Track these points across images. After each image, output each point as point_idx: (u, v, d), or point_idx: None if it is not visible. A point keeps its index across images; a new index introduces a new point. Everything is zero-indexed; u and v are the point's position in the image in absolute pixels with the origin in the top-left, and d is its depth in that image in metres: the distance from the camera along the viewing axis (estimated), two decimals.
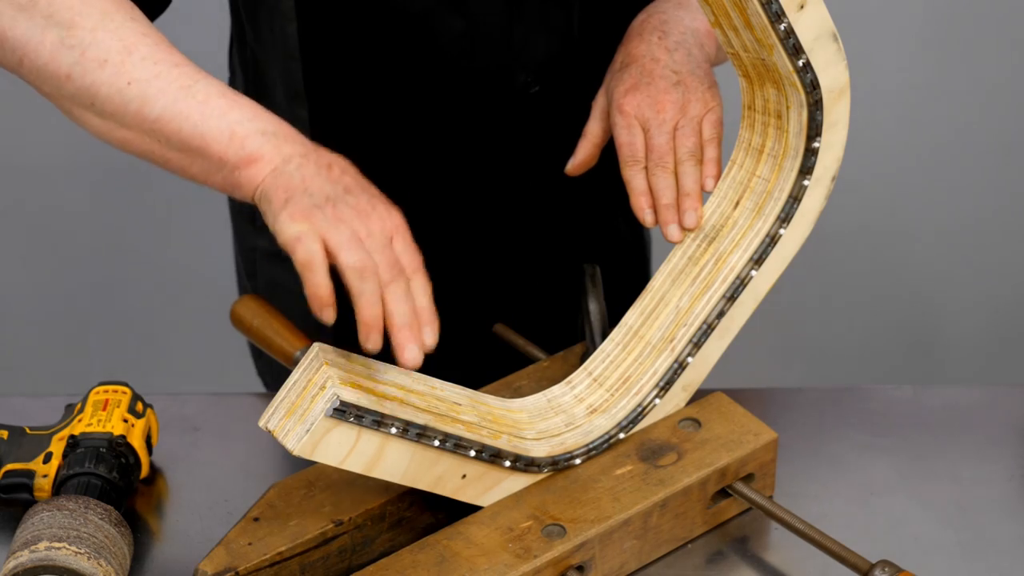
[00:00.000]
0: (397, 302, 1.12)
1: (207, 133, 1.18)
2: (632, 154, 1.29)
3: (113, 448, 1.30)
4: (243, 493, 1.33)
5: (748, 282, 1.27)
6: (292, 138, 1.18)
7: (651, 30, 1.35)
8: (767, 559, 1.27)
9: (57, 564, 1.17)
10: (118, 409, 1.33)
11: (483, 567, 1.16)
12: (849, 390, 1.47)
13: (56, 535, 1.19)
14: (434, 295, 1.43)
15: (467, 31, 1.39)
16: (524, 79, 1.42)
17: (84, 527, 1.20)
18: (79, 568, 1.17)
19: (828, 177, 1.24)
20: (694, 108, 1.30)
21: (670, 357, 1.28)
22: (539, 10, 1.39)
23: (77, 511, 1.21)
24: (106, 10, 1.23)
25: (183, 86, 1.19)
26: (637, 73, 1.32)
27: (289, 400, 1.13)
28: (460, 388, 1.23)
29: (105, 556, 1.19)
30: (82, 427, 1.32)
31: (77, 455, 1.29)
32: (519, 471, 1.23)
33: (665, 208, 1.28)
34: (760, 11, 1.10)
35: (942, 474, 1.35)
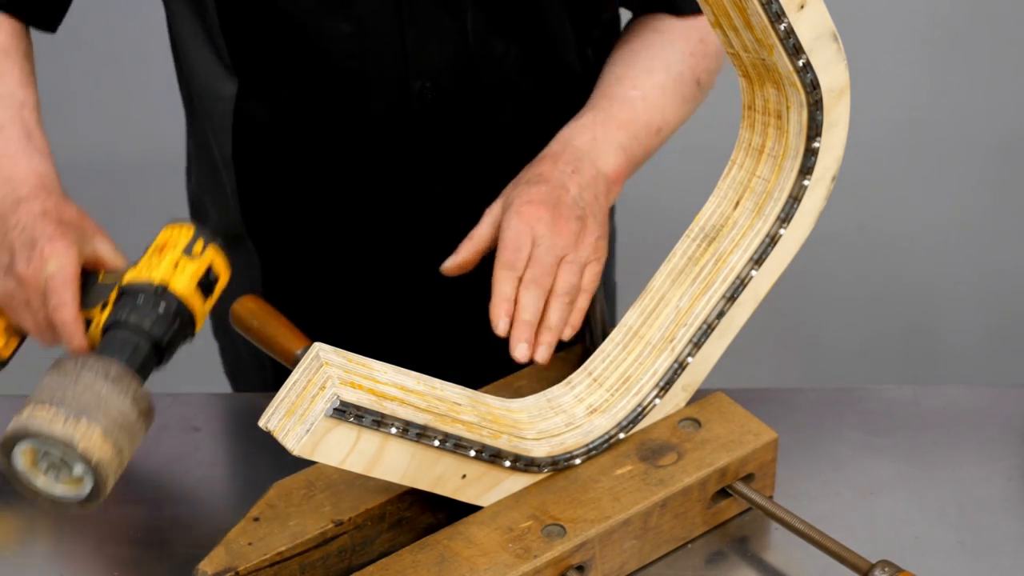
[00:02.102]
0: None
1: None
2: (512, 260, 1.27)
3: (152, 298, 1.25)
4: (243, 493, 1.33)
5: (748, 282, 1.27)
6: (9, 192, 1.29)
7: (566, 161, 1.35)
8: (767, 559, 1.27)
9: (30, 430, 1.14)
10: (171, 253, 1.27)
11: (483, 567, 1.16)
12: (849, 390, 1.47)
13: (41, 398, 1.16)
14: (433, 296, 1.43)
15: (356, 34, 1.39)
16: (421, 85, 1.42)
17: (73, 387, 1.16)
18: (51, 433, 1.13)
19: (828, 177, 1.24)
20: (585, 250, 1.30)
21: (670, 357, 1.28)
22: (431, 16, 1.39)
23: (71, 371, 1.18)
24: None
25: None
26: (546, 192, 1.31)
27: (289, 400, 1.13)
28: (460, 388, 1.23)
29: (88, 416, 1.15)
30: (132, 275, 1.27)
31: (118, 304, 1.26)
32: (519, 471, 1.23)
33: (525, 324, 1.26)
34: (760, 11, 1.10)
35: (942, 474, 1.35)
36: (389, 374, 1.18)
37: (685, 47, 1.44)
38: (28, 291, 1.27)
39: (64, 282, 1.25)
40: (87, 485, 1.16)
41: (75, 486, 1.17)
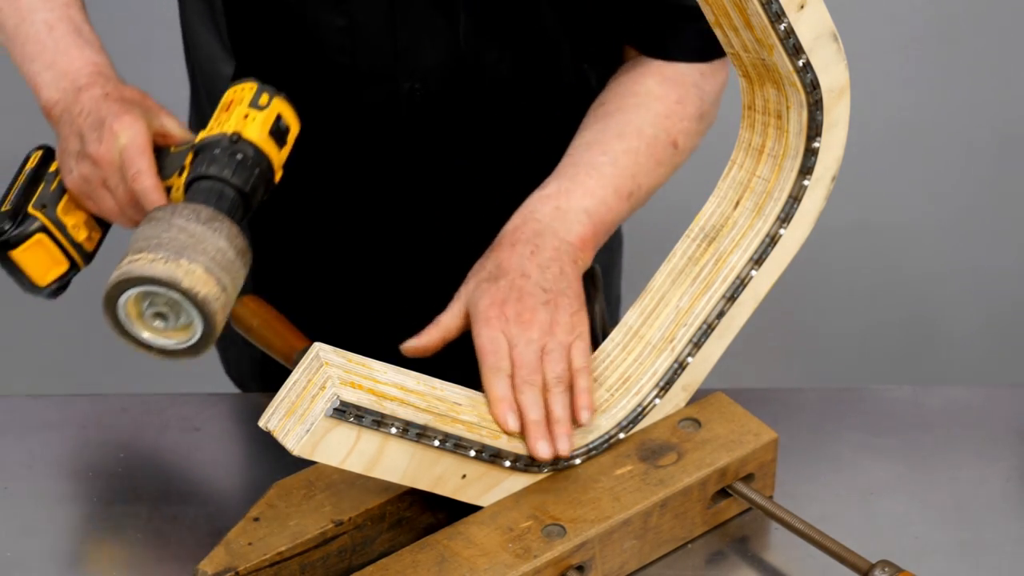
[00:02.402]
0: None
1: (25, 77, 1.36)
2: (496, 363, 1.24)
3: (228, 147, 1.25)
4: (243, 493, 1.33)
5: (748, 282, 1.27)
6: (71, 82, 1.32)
7: (524, 242, 1.31)
8: (767, 559, 1.27)
9: (132, 276, 1.14)
10: (239, 107, 1.28)
11: (483, 567, 1.16)
12: (849, 390, 1.47)
13: (138, 248, 1.16)
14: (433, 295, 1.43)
15: (347, 29, 1.39)
16: (410, 86, 1.41)
17: (166, 232, 1.17)
18: (153, 274, 1.14)
19: (828, 177, 1.24)
20: (562, 333, 1.26)
21: (670, 357, 1.28)
22: (423, 17, 1.38)
23: (162, 219, 1.18)
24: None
25: (14, 24, 1.36)
26: (506, 288, 1.28)
27: (289, 400, 1.13)
28: (460, 388, 1.23)
29: (188, 255, 1.16)
30: (204, 133, 1.28)
31: (196, 161, 1.26)
32: (519, 471, 1.23)
33: (535, 425, 1.23)
34: (760, 11, 1.10)
35: (942, 474, 1.35)
36: (389, 374, 1.18)
37: (660, 109, 1.40)
38: (105, 170, 1.28)
39: (138, 150, 1.27)
40: (197, 328, 1.16)
41: (184, 333, 1.17)
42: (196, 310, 1.16)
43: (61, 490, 1.34)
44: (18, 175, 1.33)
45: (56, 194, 1.32)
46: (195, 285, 1.15)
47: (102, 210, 1.32)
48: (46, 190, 1.32)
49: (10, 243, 1.30)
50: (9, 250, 1.30)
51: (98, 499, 1.33)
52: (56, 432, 1.40)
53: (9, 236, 1.30)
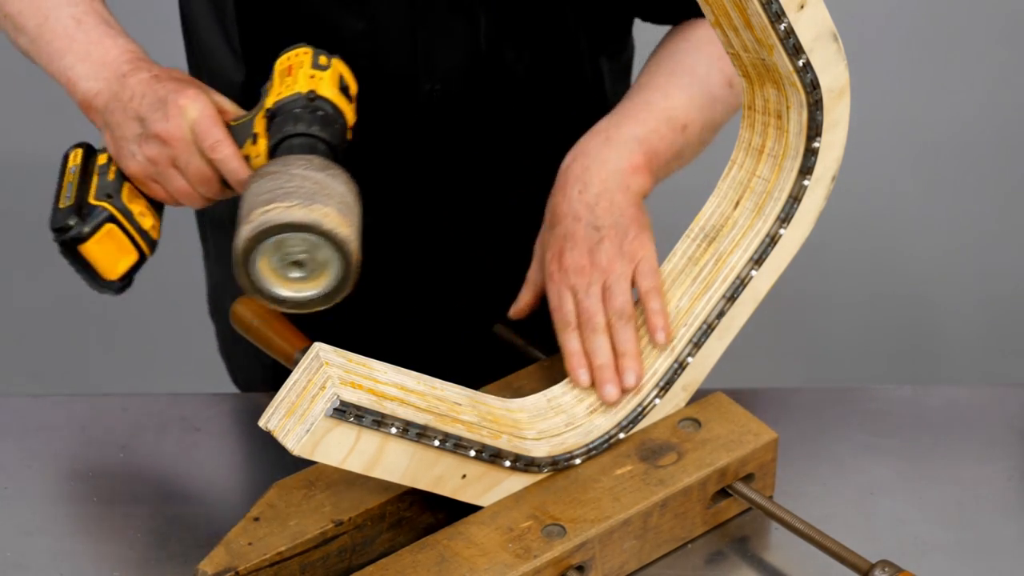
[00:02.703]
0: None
1: (54, 75, 1.34)
2: (563, 318, 1.28)
3: (307, 105, 1.26)
4: (243, 493, 1.33)
5: (748, 282, 1.27)
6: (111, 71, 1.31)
7: (573, 182, 1.32)
8: (767, 559, 1.27)
9: (274, 224, 1.14)
10: (302, 69, 1.29)
11: (483, 567, 1.16)
12: (849, 390, 1.47)
13: (265, 200, 1.16)
14: (433, 295, 1.43)
15: (368, 32, 1.39)
16: (430, 87, 1.41)
17: (289, 182, 1.17)
18: (295, 219, 1.14)
19: (828, 177, 1.24)
20: (620, 265, 1.28)
21: (670, 357, 1.28)
22: (444, 19, 1.38)
23: (280, 172, 1.18)
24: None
25: (37, 24, 1.35)
26: (561, 236, 1.31)
27: (289, 400, 1.13)
28: (460, 388, 1.23)
29: (319, 200, 1.16)
30: (275, 98, 1.28)
31: (277, 124, 1.26)
32: (519, 471, 1.23)
33: (600, 368, 1.26)
34: (760, 11, 1.10)
35: (942, 474, 1.35)
36: (389, 374, 1.18)
37: (713, 51, 1.41)
38: (175, 147, 1.27)
39: (211, 120, 1.27)
40: (334, 272, 1.17)
41: (319, 281, 1.18)
42: (336, 252, 1.17)
43: (61, 490, 1.34)
44: (63, 174, 1.32)
45: (117, 183, 1.31)
46: (336, 227, 1.15)
47: (170, 191, 1.31)
48: (104, 181, 1.31)
49: (81, 237, 1.28)
50: (79, 244, 1.29)
51: (98, 499, 1.33)
52: (56, 432, 1.40)
53: (79, 230, 1.28)
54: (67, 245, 1.29)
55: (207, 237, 1.68)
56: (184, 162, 1.28)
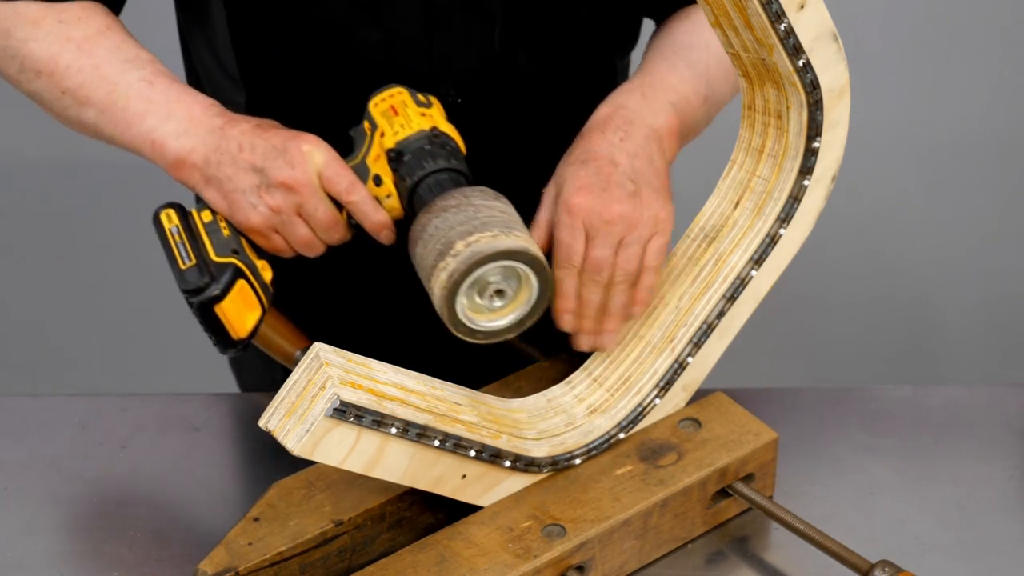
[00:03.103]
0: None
1: (132, 141, 1.30)
2: (568, 257, 1.24)
3: (434, 141, 1.27)
4: (243, 493, 1.33)
5: (748, 282, 1.27)
6: (202, 126, 1.28)
7: (614, 128, 1.29)
8: (767, 559, 1.27)
9: (485, 253, 1.14)
10: (409, 108, 1.29)
11: (483, 567, 1.16)
12: (849, 390, 1.47)
13: (464, 231, 1.16)
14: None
15: (384, 42, 1.38)
16: (446, 92, 1.41)
17: (479, 213, 1.17)
18: (506, 247, 1.15)
19: (828, 177, 1.24)
20: (644, 227, 1.24)
21: (670, 357, 1.28)
22: (460, 24, 1.38)
23: (462, 204, 1.19)
24: (36, 18, 1.33)
25: (106, 92, 1.31)
26: (593, 173, 1.26)
27: (289, 400, 1.13)
28: (460, 388, 1.23)
29: (513, 227, 1.17)
30: (394, 138, 1.27)
31: (409, 163, 1.26)
32: (519, 471, 1.23)
33: (587, 319, 1.25)
34: (760, 11, 1.10)
35: (942, 474, 1.35)
36: (389, 374, 1.18)
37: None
38: (302, 194, 1.25)
39: (340, 165, 1.26)
40: (529, 297, 1.18)
41: (512, 308, 1.19)
42: (536, 275, 1.18)
43: (61, 490, 1.34)
44: (164, 236, 1.27)
45: (235, 238, 1.27)
46: (537, 251, 1.17)
47: (292, 241, 1.28)
48: (219, 238, 1.27)
49: (217, 297, 1.24)
50: (216, 304, 1.25)
51: (98, 499, 1.33)
52: (56, 432, 1.40)
53: (214, 290, 1.24)
54: (204, 306, 1.24)
55: None
56: (311, 208, 1.26)
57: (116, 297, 2.84)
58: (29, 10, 1.33)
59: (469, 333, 1.19)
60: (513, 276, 1.18)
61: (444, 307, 1.17)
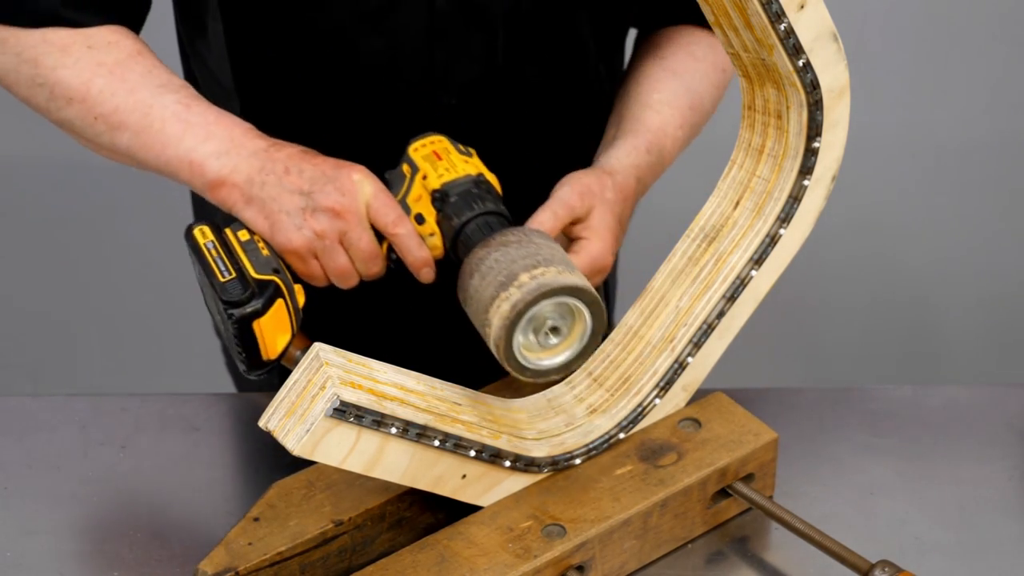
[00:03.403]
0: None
1: (169, 163, 1.29)
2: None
3: (479, 185, 1.28)
4: (243, 493, 1.33)
5: (748, 282, 1.27)
6: (245, 148, 1.28)
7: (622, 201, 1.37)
8: (767, 559, 1.27)
9: (552, 287, 1.15)
10: (452, 155, 1.31)
11: (483, 567, 1.16)
12: (849, 390, 1.47)
13: (527, 265, 1.17)
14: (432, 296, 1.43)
15: (386, 50, 1.38)
16: (448, 100, 1.41)
17: (540, 251, 1.19)
18: (571, 283, 1.16)
19: (828, 177, 1.24)
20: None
21: (670, 357, 1.28)
22: (462, 34, 1.38)
23: (523, 240, 1.20)
24: (64, 45, 1.32)
25: (141, 115, 1.30)
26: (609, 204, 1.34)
27: (289, 400, 1.13)
28: (460, 388, 1.23)
29: (569, 266, 1.19)
30: (439, 179, 1.28)
31: (455, 203, 1.27)
32: (519, 471, 1.23)
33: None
34: (760, 11, 1.10)
35: (942, 474, 1.35)
36: (389, 374, 1.18)
37: (714, 79, 1.46)
38: (348, 221, 1.25)
39: (388, 198, 1.26)
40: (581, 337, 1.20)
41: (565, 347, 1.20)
42: (592, 315, 1.19)
43: (61, 490, 1.34)
44: (199, 251, 1.26)
45: (274, 258, 1.26)
46: (592, 289, 1.19)
47: (329, 269, 1.28)
48: (258, 256, 1.26)
49: (258, 312, 1.23)
50: (255, 320, 1.23)
51: (98, 499, 1.33)
52: (56, 432, 1.40)
53: (256, 305, 1.22)
54: (244, 320, 1.22)
55: None
56: (354, 237, 1.26)
57: (116, 297, 2.84)
58: (57, 37, 1.32)
59: (519, 369, 1.19)
60: (568, 315, 1.19)
61: (502, 338, 1.17)
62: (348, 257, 1.27)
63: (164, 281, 2.84)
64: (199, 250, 1.26)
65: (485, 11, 1.37)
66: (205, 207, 1.65)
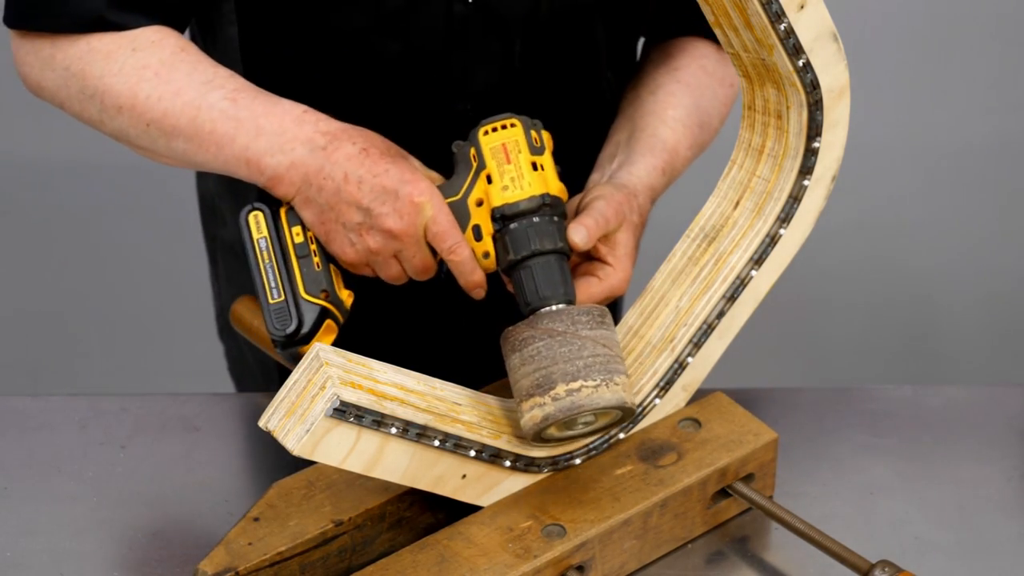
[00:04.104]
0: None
1: (227, 163, 1.27)
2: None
3: (543, 211, 1.24)
4: (243, 493, 1.33)
5: (748, 282, 1.27)
6: (297, 141, 1.26)
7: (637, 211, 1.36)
8: (767, 559, 1.27)
9: (584, 408, 1.17)
10: (522, 154, 1.26)
11: (483, 567, 1.16)
12: (849, 390, 1.47)
13: (566, 374, 1.17)
14: (434, 297, 1.43)
15: (405, 54, 1.37)
16: (464, 106, 1.41)
17: (583, 351, 1.18)
18: (604, 404, 1.17)
19: (828, 177, 1.24)
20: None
21: (670, 357, 1.28)
22: (481, 40, 1.38)
23: (567, 333, 1.19)
24: (108, 51, 1.30)
25: (191, 119, 1.28)
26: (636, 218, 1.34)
27: (289, 400, 1.13)
28: (460, 388, 1.23)
29: (614, 370, 1.18)
30: (500, 196, 1.25)
31: (515, 233, 1.24)
32: (519, 471, 1.23)
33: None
34: (760, 11, 1.10)
35: (942, 474, 1.35)
36: (389, 374, 1.18)
37: (722, 95, 1.46)
38: (404, 243, 1.25)
39: (449, 222, 1.25)
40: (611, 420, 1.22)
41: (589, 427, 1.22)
42: (622, 414, 1.21)
43: (61, 490, 1.34)
44: (255, 251, 1.25)
45: (326, 273, 1.25)
46: (631, 401, 1.19)
47: (382, 275, 1.28)
48: (311, 271, 1.25)
49: (306, 338, 1.24)
50: (302, 345, 1.23)
51: (98, 499, 1.33)
52: (56, 432, 1.40)
53: (302, 331, 1.23)
54: (287, 347, 1.24)
55: (216, 260, 1.67)
56: (409, 255, 1.26)
57: (116, 297, 2.84)
58: (102, 44, 1.30)
59: (542, 442, 1.22)
60: (600, 414, 1.21)
61: (530, 435, 1.20)
62: (401, 268, 1.28)
63: (164, 281, 2.84)
64: (252, 247, 1.25)
65: (503, 16, 1.37)
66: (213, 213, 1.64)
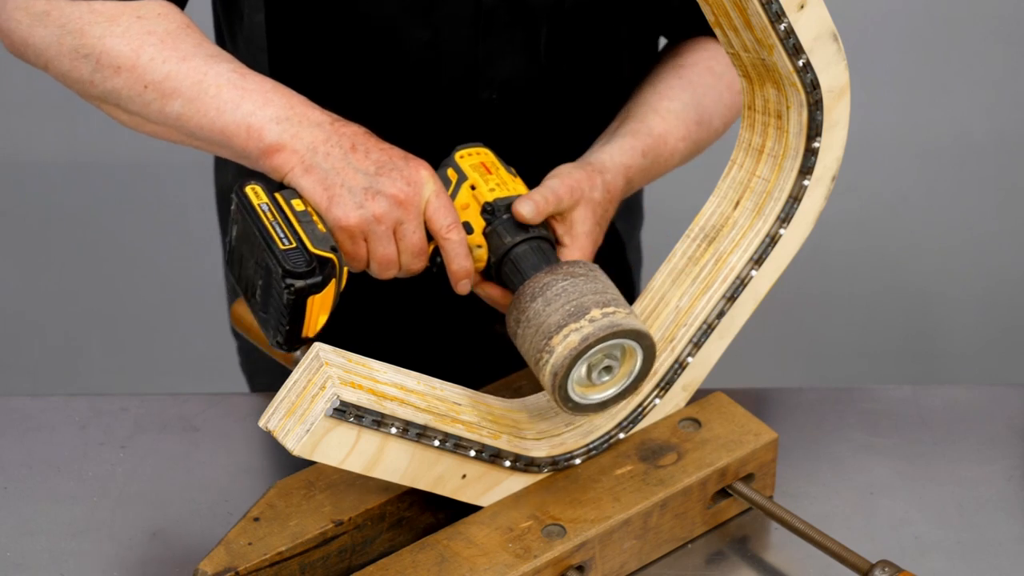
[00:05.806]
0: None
1: (225, 128, 1.26)
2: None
3: None
4: (243, 493, 1.33)
5: (748, 282, 1.27)
6: (307, 118, 1.26)
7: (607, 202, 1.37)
8: (767, 559, 1.27)
9: (623, 328, 1.17)
10: (500, 171, 1.32)
11: (483, 567, 1.16)
12: (849, 390, 1.47)
13: (599, 301, 1.18)
14: (433, 296, 1.43)
15: (432, 42, 1.38)
16: (488, 95, 1.41)
17: (608, 290, 1.20)
18: (638, 328, 1.18)
19: (828, 177, 1.24)
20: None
21: (670, 357, 1.28)
22: (507, 29, 1.38)
23: (590, 274, 1.21)
24: (112, 15, 1.28)
25: (195, 81, 1.27)
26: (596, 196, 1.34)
27: (289, 400, 1.13)
28: (460, 388, 1.23)
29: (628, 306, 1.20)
30: (487, 193, 1.30)
31: (508, 221, 1.28)
32: (519, 471, 1.23)
33: None
34: (760, 11, 1.10)
35: (942, 474, 1.35)
36: (389, 374, 1.18)
37: (728, 99, 1.46)
38: (406, 212, 1.24)
39: (448, 202, 1.26)
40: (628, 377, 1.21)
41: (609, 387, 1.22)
42: (644, 358, 1.21)
43: (61, 490, 1.34)
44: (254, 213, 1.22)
45: (330, 236, 1.23)
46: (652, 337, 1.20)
47: (374, 255, 1.26)
48: (314, 231, 1.23)
49: (317, 286, 1.20)
50: (312, 295, 1.19)
51: (98, 499, 1.33)
52: (56, 432, 1.40)
53: (316, 278, 1.19)
54: (301, 293, 1.19)
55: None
56: (407, 230, 1.25)
57: (116, 297, 2.84)
58: (105, 8, 1.29)
59: (564, 399, 1.20)
60: (623, 357, 1.21)
61: (563, 367, 1.17)
62: (396, 248, 1.26)
63: (164, 281, 2.84)
64: (253, 210, 1.22)
65: (530, 6, 1.37)
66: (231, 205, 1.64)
